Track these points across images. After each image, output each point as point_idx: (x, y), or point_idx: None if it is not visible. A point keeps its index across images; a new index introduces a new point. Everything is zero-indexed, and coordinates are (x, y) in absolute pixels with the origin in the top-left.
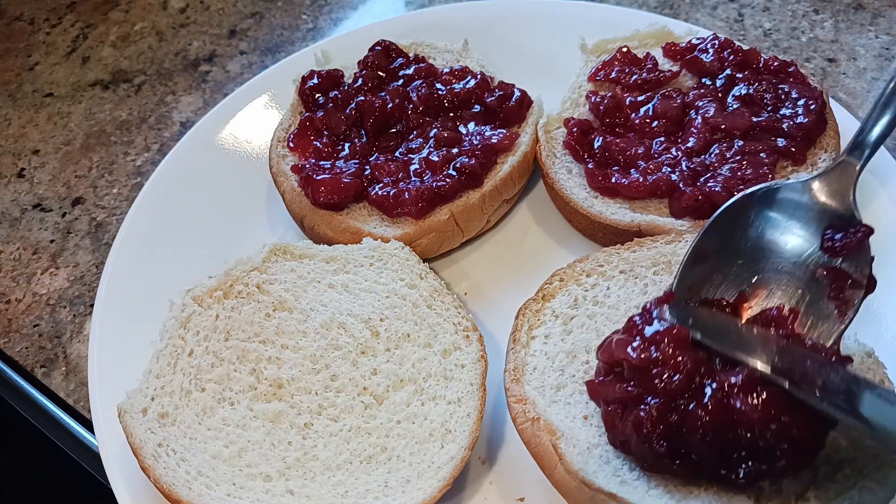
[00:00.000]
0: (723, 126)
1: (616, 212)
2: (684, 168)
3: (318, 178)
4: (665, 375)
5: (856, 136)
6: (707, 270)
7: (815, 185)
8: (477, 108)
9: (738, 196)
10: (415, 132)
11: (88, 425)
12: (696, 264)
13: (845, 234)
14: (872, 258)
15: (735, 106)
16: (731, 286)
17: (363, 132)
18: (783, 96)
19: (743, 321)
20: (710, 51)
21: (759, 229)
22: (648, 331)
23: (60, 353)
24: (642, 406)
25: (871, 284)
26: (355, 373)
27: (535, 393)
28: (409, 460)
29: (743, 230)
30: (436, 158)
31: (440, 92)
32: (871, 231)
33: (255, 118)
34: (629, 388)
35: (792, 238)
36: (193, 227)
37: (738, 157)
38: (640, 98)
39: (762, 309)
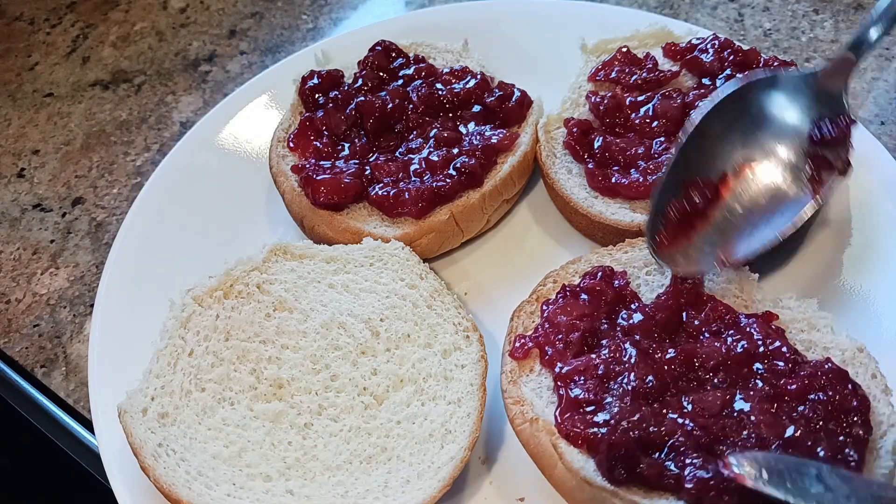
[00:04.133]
0: None
1: (616, 212)
2: None
3: (319, 178)
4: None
5: (857, 34)
6: (699, 152)
7: (813, 78)
8: (477, 108)
9: (741, 82)
10: (415, 132)
11: (88, 425)
12: (691, 146)
13: (832, 124)
14: (852, 147)
15: None
16: (718, 166)
17: (363, 132)
18: None
19: (723, 205)
20: (710, 51)
21: (756, 114)
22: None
23: (60, 353)
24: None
25: (846, 169)
26: (355, 373)
27: (532, 394)
28: (409, 460)
29: (741, 114)
30: (436, 158)
31: (440, 92)
32: (854, 122)
33: (255, 118)
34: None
35: (784, 125)
36: (193, 227)
37: None
38: (640, 98)
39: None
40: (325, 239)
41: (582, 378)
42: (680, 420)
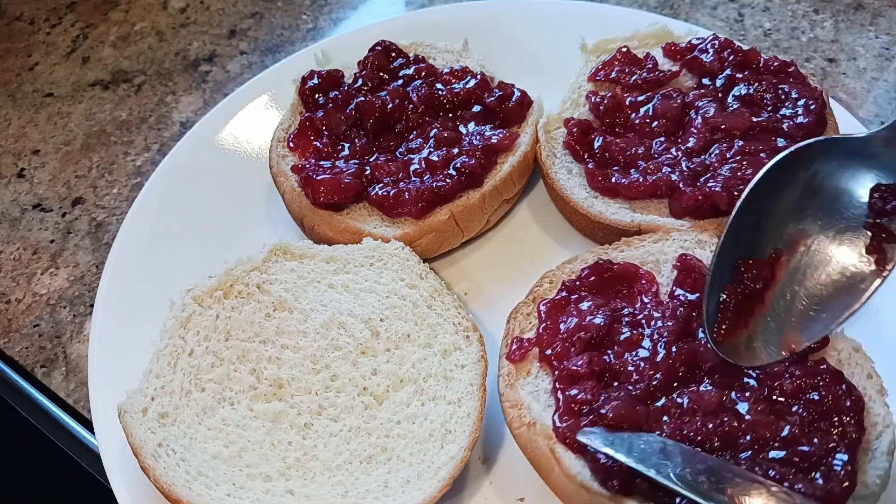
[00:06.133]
0: (723, 126)
1: (616, 212)
2: (684, 168)
3: (319, 178)
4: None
5: None
6: (749, 229)
7: (867, 142)
8: (477, 108)
9: (792, 148)
10: (415, 132)
11: (88, 425)
12: (739, 223)
13: (891, 192)
14: None
15: (735, 106)
16: (771, 244)
17: (363, 132)
18: (783, 96)
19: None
20: (710, 51)
21: (807, 184)
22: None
23: (60, 353)
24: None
25: None
26: (355, 373)
27: (529, 398)
28: (409, 460)
29: (791, 185)
30: (436, 158)
31: (440, 92)
32: None
33: (255, 118)
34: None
35: (838, 195)
36: (193, 227)
37: (738, 158)
38: (640, 98)
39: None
40: (325, 239)
41: (581, 378)
42: (675, 423)
